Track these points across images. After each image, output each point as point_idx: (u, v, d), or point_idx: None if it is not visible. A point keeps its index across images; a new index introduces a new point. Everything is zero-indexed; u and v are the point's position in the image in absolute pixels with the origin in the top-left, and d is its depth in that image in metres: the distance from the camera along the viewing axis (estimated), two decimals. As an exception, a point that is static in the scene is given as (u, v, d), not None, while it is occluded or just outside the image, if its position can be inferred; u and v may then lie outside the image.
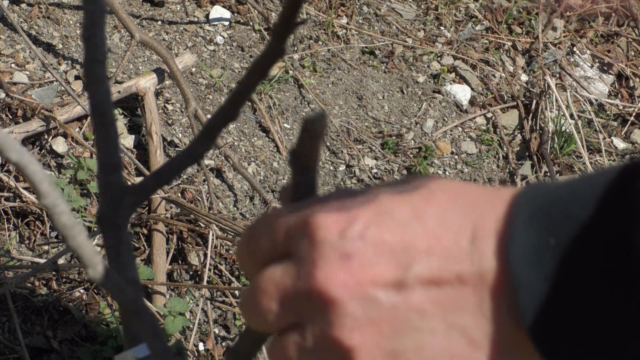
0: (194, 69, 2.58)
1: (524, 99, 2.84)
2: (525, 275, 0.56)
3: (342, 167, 2.54)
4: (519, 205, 0.58)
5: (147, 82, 2.38)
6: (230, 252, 2.25)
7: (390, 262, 0.58)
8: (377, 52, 2.83)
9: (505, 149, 2.72)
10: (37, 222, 2.18)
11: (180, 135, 2.45)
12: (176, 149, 2.44)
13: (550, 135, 2.73)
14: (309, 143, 0.62)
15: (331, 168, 2.54)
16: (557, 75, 2.92)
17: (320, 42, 2.78)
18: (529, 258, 0.56)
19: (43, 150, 2.29)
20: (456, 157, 2.68)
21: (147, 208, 2.25)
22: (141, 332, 0.71)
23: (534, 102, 2.81)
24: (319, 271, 0.58)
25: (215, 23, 2.71)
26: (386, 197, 0.60)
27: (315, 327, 0.59)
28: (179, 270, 2.22)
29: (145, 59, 2.55)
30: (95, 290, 2.11)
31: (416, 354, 0.58)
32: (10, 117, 2.29)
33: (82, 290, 2.10)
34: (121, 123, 2.41)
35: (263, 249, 0.62)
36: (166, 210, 2.26)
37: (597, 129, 2.81)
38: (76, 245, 0.57)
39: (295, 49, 2.74)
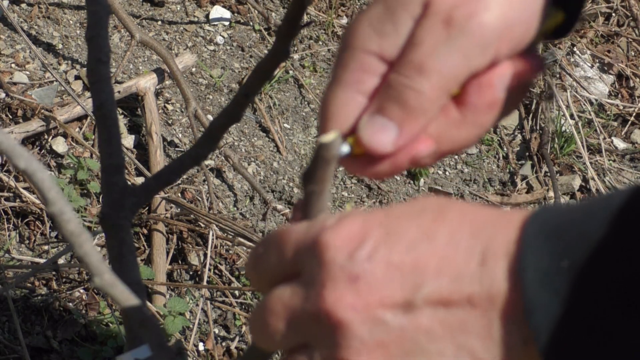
0: (194, 69, 2.58)
1: (524, 99, 2.84)
2: (539, 298, 0.55)
3: (342, 167, 2.54)
4: (531, 227, 0.57)
5: (147, 82, 2.38)
6: (230, 252, 2.25)
7: (398, 284, 0.58)
8: (377, 52, 2.83)
9: (505, 149, 2.72)
10: (37, 222, 2.18)
11: (180, 135, 2.45)
12: (176, 149, 2.44)
13: (550, 135, 2.73)
14: (322, 167, 0.62)
15: (331, 168, 2.54)
16: (557, 75, 2.93)
17: (320, 42, 2.78)
18: (542, 281, 0.55)
19: (43, 150, 2.29)
20: (456, 157, 2.68)
21: (147, 208, 2.24)
22: (146, 340, 0.71)
23: (534, 102, 2.81)
24: (327, 293, 0.58)
25: (215, 23, 2.71)
26: (395, 217, 0.60)
27: (323, 349, 0.59)
28: (179, 270, 2.22)
29: (145, 59, 2.55)
30: (95, 291, 2.11)
31: None
32: (10, 117, 2.29)
33: (82, 290, 2.10)
34: (121, 123, 2.41)
35: (272, 267, 0.62)
36: (166, 210, 2.26)
37: (597, 129, 2.81)
38: (83, 253, 0.57)
39: (296, 49, 2.74)
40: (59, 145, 2.30)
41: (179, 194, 2.29)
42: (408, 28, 0.65)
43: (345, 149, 0.66)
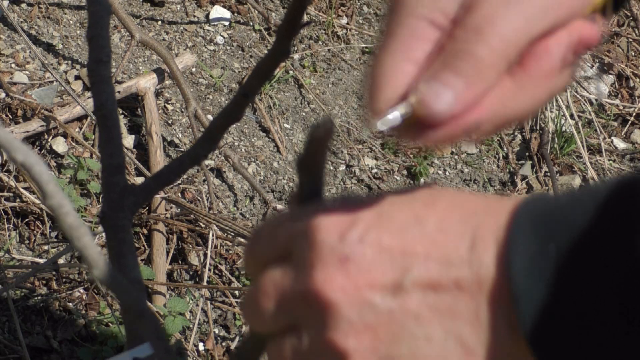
0: (194, 69, 2.58)
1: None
2: (525, 283, 0.55)
3: (342, 167, 2.54)
4: (521, 214, 0.57)
5: (147, 82, 2.38)
6: (230, 252, 2.25)
7: (388, 266, 0.58)
8: (377, 52, 2.83)
9: (505, 149, 2.72)
10: (37, 222, 2.18)
11: (180, 135, 2.45)
12: (176, 149, 2.44)
13: (550, 135, 2.73)
14: (315, 150, 0.63)
15: (331, 168, 2.54)
16: (557, 76, 2.92)
17: (320, 42, 2.78)
18: (529, 266, 0.55)
19: (43, 150, 2.29)
20: (456, 157, 2.68)
21: (147, 208, 2.25)
22: (144, 333, 0.71)
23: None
24: (316, 274, 0.58)
25: (215, 23, 2.71)
26: (388, 202, 0.60)
27: (311, 330, 0.59)
28: (179, 270, 2.22)
29: (145, 59, 2.55)
30: (95, 290, 2.11)
31: None
32: (10, 117, 2.29)
33: (82, 290, 2.10)
34: (121, 123, 2.41)
35: (266, 250, 0.63)
36: (166, 210, 2.26)
37: (597, 129, 2.81)
38: (82, 246, 0.57)
39: (295, 49, 2.74)
40: (59, 145, 2.30)
41: (179, 194, 2.29)
42: None
43: (397, 118, 0.63)
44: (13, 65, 2.43)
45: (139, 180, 2.31)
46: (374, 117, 0.63)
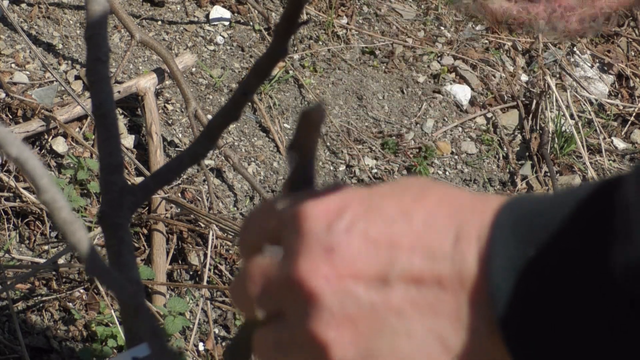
0: (194, 69, 2.58)
1: (524, 99, 2.84)
2: (501, 283, 0.56)
3: (342, 167, 2.54)
4: (504, 214, 0.58)
5: (147, 82, 2.38)
6: (230, 252, 2.25)
7: (373, 258, 0.58)
8: (377, 52, 2.83)
9: (505, 149, 2.72)
10: (37, 222, 2.18)
11: (180, 135, 2.45)
12: (176, 149, 2.44)
13: (550, 135, 2.73)
14: (307, 135, 0.62)
15: (331, 168, 2.54)
16: (557, 75, 2.92)
17: (320, 42, 2.78)
18: (507, 266, 0.56)
19: (43, 150, 2.29)
20: (456, 157, 2.68)
21: (147, 208, 2.25)
22: (140, 329, 0.71)
23: (534, 102, 2.81)
24: (301, 262, 0.59)
25: (216, 23, 2.71)
26: (378, 194, 0.60)
27: (293, 318, 0.59)
28: (179, 270, 2.22)
29: (145, 59, 2.55)
30: (95, 290, 2.11)
31: (390, 355, 0.58)
32: (10, 117, 2.29)
33: (82, 290, 2.10)
34: (121, 123, 2.41)
35: (256, 236, 0.63)
36: (166, 210, 2.26)
37: (597, 129, 2.81)
38: (76, 241, 0.57)
39: (295, 49, 2.74)
40: (59, 145, 2.30)
41: (179, 194, 2.29)
42: None
43: None
44: (13, 65, 2.43)
45: (139, 180, 2.31)
46: None
